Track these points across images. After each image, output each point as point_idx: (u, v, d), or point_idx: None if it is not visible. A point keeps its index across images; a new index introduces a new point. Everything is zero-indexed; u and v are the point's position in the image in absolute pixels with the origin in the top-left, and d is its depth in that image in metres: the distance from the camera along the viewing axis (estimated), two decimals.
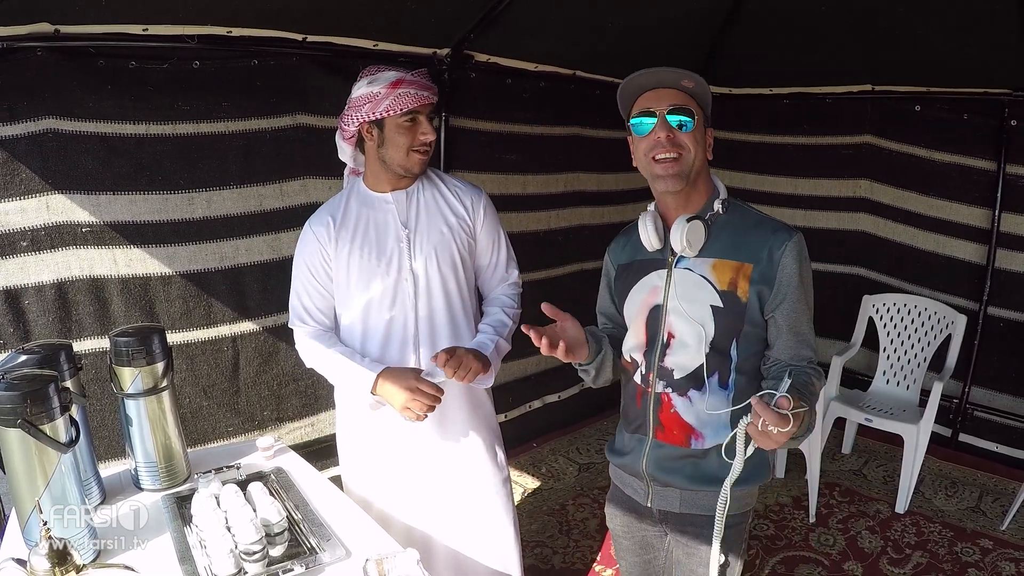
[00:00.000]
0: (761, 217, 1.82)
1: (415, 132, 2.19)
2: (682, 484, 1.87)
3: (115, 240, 2.72)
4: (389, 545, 1.83)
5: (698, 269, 1.79)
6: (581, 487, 4.14)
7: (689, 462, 1.84)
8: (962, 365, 4.17)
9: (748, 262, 1.74)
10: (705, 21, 3.96)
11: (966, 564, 3.35)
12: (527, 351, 4.25)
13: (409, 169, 2.24)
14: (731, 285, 1.75)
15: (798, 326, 1.76)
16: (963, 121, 4.11)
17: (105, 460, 2.64)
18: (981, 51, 3.50)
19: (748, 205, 1.87)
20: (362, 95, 2.17)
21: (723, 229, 1.80)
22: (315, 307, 2.34)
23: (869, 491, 4.03)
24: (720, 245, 1.78)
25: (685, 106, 1.73)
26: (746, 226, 1.80)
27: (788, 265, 1.72)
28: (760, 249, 1.74)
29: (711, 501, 1.79)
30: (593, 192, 4.66)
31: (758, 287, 1.73)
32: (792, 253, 1.72)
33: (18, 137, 2.48)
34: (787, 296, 1.73)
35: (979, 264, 4.20)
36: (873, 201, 4.59)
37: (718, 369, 1.79)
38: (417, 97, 2.15)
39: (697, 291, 1.78)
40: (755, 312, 1.75)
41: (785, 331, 1.76)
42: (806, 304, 1.76)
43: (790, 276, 1.72)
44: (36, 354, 1.87)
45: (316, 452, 3.23)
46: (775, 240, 1.73)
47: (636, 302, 1.90)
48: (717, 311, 1.76)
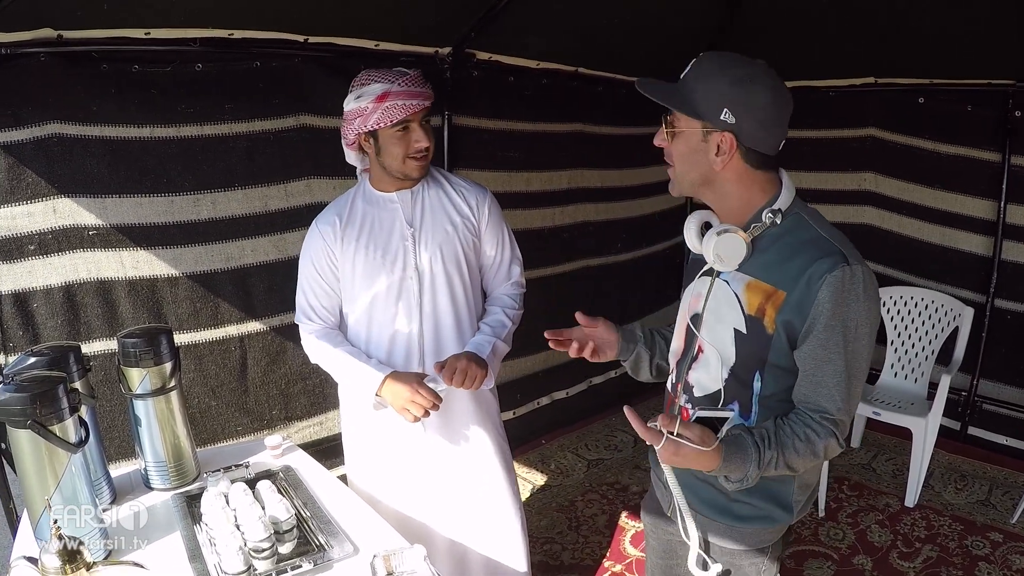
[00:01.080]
0: (817, 236, 1.56)
1: (408, 140, 2.19)
2: (697, 507, 1.75)
3: (122, 242, 2.73)
4: (397, 541, 1.84)
5: (734, 285, 1.60)
6: (590, 483, 4.14)
7: (703, 485, 1.73)
8: (970, 358, 4.16)
9: (781, 289, 1.52)
10: (706, 16, 3.95)
11: (976, 558, 3.35)
12: (534, 348, 4.28)
13: (408, 175, 2.25)
14: (759, 312, 1.55)
15: (819, 372, 1.52)
16: (967, 113, 4.10)
17: (116, 460, 2.65)
18: (984, 42, 3.49)
19: (812, 216, 1.63)
20: (352, 110, 2.19)
21: (772, 244, 1.58)
22: (321, 305, 2.36)
23: (878, 485, 4.02)
24: (760, 263, 1.57)
25: (671, 121, 1.60)
26: (796, 245, 1.55)
27: (824, 300, 1.47)
28: (799, 276, 1.50)
29: (722, 534, 1.74)
30: (597, 188, 4.65)
31: (787, 318, 1.52)
32: (832, 286, 1.46)
33: (24, 142, 2.49)
34: (812, 334, 1.50)
35: (985, 256, 4.19)
36: (878, 194, 4.58)
37: (738, 398, 1.63)
38: (405, 107, 2.14)
39: (726, 309, 1.61)
40: (783, 345, 1.54)
41: (803, 374, 1.55)
42: (839, 349, 1.49)
43: (823, 312, 1.47)
44: (45, 356, 1.88)
45: (324, 451, 3.23)
46: (817, 268, 1.48)
47: (684, 305, 1.78)
48: (739, 336, 1.59)
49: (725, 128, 1.52)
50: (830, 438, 1.52)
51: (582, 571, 3.36)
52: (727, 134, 1.53)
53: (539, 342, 1.76)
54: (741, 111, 1.52)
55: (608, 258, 4.78)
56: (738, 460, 1.47)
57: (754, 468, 1.48)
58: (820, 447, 1.52)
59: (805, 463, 1.54)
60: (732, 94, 1.51)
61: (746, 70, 1.54)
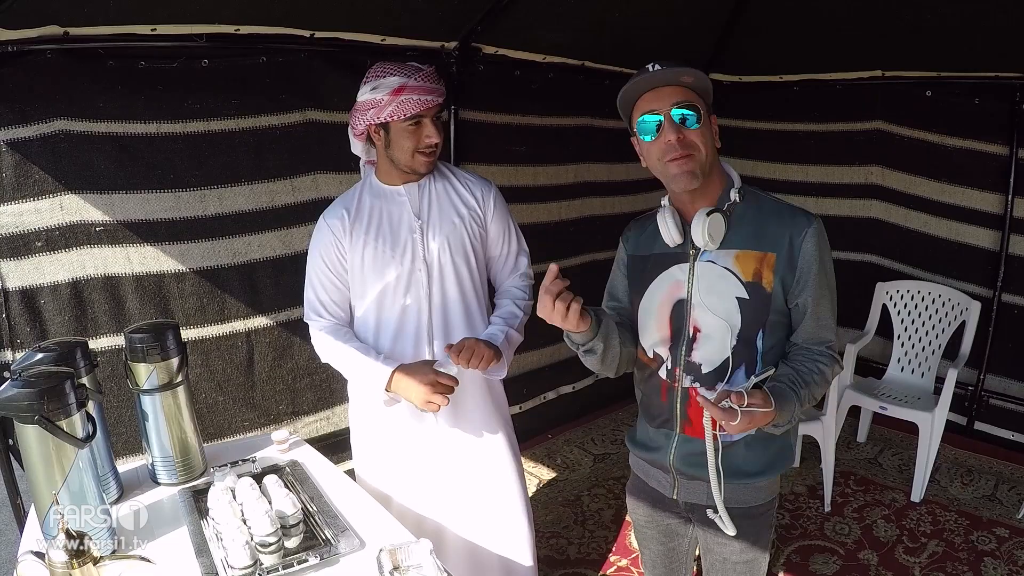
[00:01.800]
0: (777, 204, 1.82)
1: (419, 135, 2.20)
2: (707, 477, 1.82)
3: (129, 238, 2.74)
4: (403, 536, 1.84)
5: (721, 261, 1.77)
6: (596, 478, 4.15)
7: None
8: (977, 352, 4.14)
9: (771, 251, 1.74)
10: (713, 8, 3.94)
11: (982, 553, 3.34)
12: (541, 343, 4.29)
13: (415, 170, 2.26)
14: (756, 276, 1.75)
15: (818, 310, 1.77)
16: (975, 106, 4.08)
17: (123, 455, 2.67)
18: (992, 35, 3.47)
19: (762, 192, 1.86)
20: (366, 100, 2.19)
21: (742, 219, 1.78)
22: (331, 300, 2.37)
23: (884, 480, 4.02)
24: (741, 235, 1.77)
25: (688, 101, 1.71)
26: (764, 214, 1.78)
27: (809, 251, 1.73)
28: (781, 237, 1.74)
29: (738, 494, 1.83)
30: (603, 183, 4.65)
31: (782, 275, 1.74)
32: (812, 239, 1.73)
33: (31, 139, 2.50)
34: (808, 281, 1.74)
35: (993, 250, 4.17)
36: (885, 188, 4.56)
37: (745, 360, 1.78)
38: (420, 103, 2.15)
39: (722, 284, 1.77)
40: (780, 300, 1.76)
41: (807, 316, 1.77)
42: (827, 288, 1.77)
43: (811, 262, 1.73)
44: (53, 352, 1.89)
45: (331, 445, 3.24)
46: (795, 227, 1.74)
47: (657, 297, 1.87)
48: (743, 303, 1.75)
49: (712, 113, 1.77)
50: (835, 364, 1.80)
51: (588, 565, 3.37)
52: (714, 115, 1.78)
53: (546, 336, 1.77)
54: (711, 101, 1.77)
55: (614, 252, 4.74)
56: (788, 408, 1.68)
57: (797, 409, 1.72)
58: (830, 374, 1.79)
59: (823, 390, 1.81)
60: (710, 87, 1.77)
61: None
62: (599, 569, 3.35)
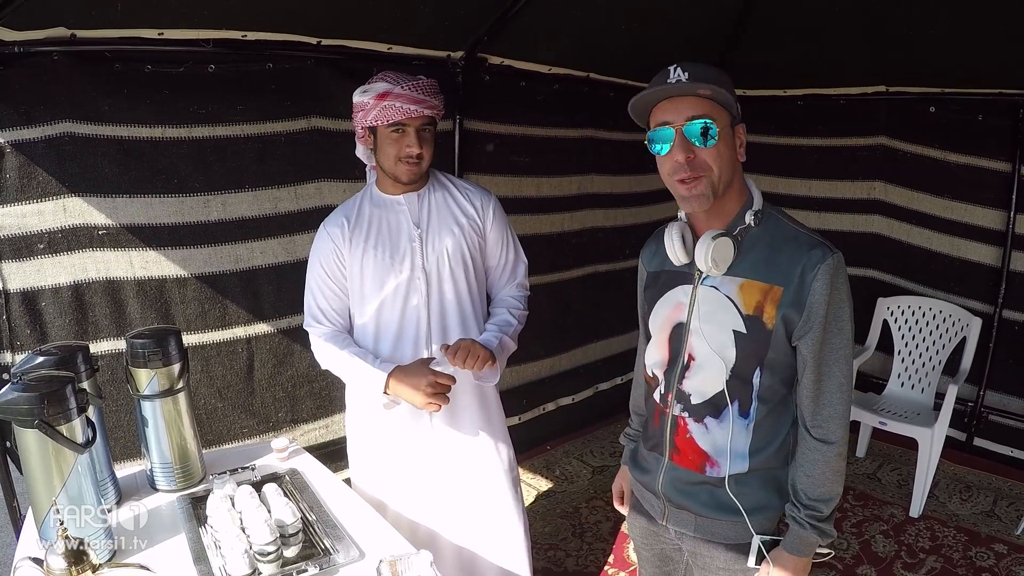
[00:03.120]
0: (796, 232, 1.65)
1: (401, 143, 2.22)
2: (697, 510, 1.79)
3: (131, 242, 2.74)
4: (403, 546, 1.84)
5: (724, 288, 1.66)
6: (595, 490, 4.13)
7: (704, 488, 1.76)
8: (977, 368, 4.14)
9: (778, 284, 1.59)
10: (717, 22, 3.95)
11: (980, 569, 3.34)
12: (541, 354, 4.29)
13: (397, 177, 2.27)
14: (757, 309, 1.61)
15: (821, 372, 1.63)
16: (978, 122, 4.09)
17: (121, 461, 2.66)
18: (996, 51, 3.48)
19: (784, 215, 1.71)
20: (357, 103, 2.25)
21: (755, 245, 1.65)
22: (330, 308, 2.37)
23: (883, 495, 4.01)
24: (750, 264, 1.63)
25: (704, 115, 1.56)
26: (779, 242, 1.63)
27: (819, 290, 1.56)
28: (792, 269, 1.58)
29: (726, 530, 1.77)
30: (607, 195, 4.65)
31: (785, 311, 1.59)
32: (826, 276, 1.56)
33: (35, 140, 2.50)
34: (815, 324, 1.59)
35: (994, 266, 4.17)
36: (887, 203, 4.57)
37: (738, 397, 1.68)
38: (403, 111, 2.17)
39: (721, 313, 1.66)
40: (781, 338, 1.62)
41: (806, 374, 1.64)
42: (839, 355, 1.63)
43: (820, 302, 1.57)
44: (53, 355, 1.89)
45: (330, 454, 3.23)
46: (809, 260, 1.56)
47: (660, 316, 1.80)
48: (739, 337, 1.63)
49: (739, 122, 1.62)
50: (840, 461, 1.66)
51: None
52: (741, 125, 1.62)
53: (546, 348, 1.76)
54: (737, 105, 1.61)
55: (617, 264, 4.77)
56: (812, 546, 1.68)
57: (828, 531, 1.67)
58: (841, 466, 1.67)
59: (840, 477, 1.68)
60: (731, 89, 1.59)
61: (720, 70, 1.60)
62: None
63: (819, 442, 1.65)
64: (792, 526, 1.68)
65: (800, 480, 1.68)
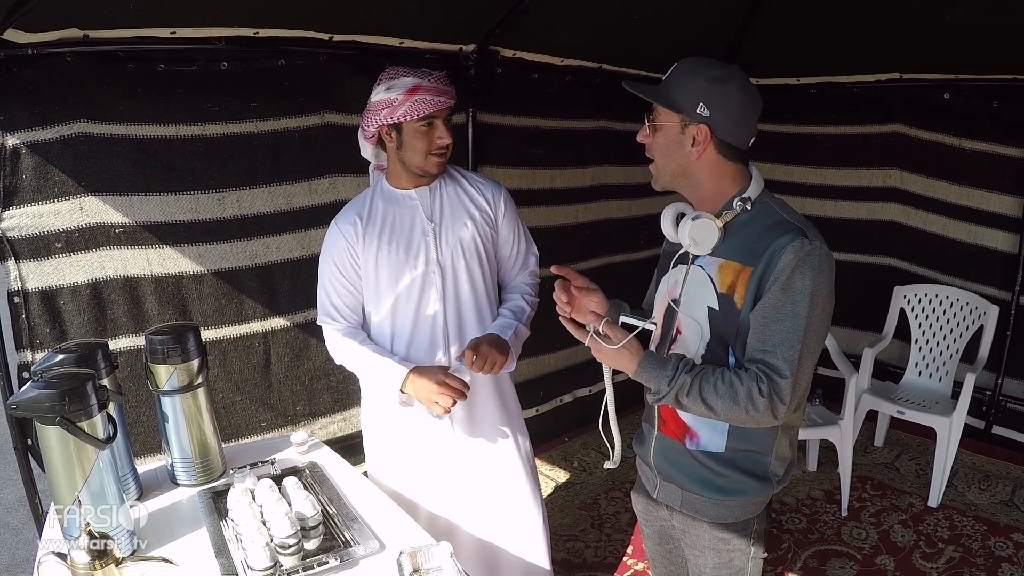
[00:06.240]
0: (781, 219, 1.68)
1: (432, 136, 2.22)
2: (682, 482, 1.88)
3: (148, 240, 2.75)
4: (422, 538, 1.84)
5: (708, 268, 1.74)
6: (613, 481, 4.14)
7: (688, 461, 1.85)
8: (995, 356, 4.11)
9: (749, 265, 1.64)
10: (730, 11, 3.93)
11: (999, 559, 3.32)
12: (557, 346, 4.29)
13: (427, 171, 2.28)
14: (730, 288, 1.68)
15: (765, 332, 1.62)
16: (993, 108, 4.05)
17: (141, 456, 2.67)
18: (1011, 37, 3.45)
19: (778, 203, 1.74)
20: (380, 100, 2.21)
21: (741, 230, 1.71)
22: (344, 304, 2.38)
23: (902, 484, 4.00)
24: (732, 246, 1.70)
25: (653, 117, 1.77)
26: (763, 228, 1.67)
27: (782, 266, 1.58)
28: (764, 251, 1.62)
29: (708, 508, 1.85)
30: (620, 185, 4.63)
31: (753, 290, 1.63)
32: (791, 254, 1.58)
33: (51, 141, 2.52)
34: (766, 295, 1.61)
35: (1011, 253, 4.14)
36: (903, 191, 4.54)
37: None
38: (433, 103, 2.18)
39: (701, 291, 1.74)
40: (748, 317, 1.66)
41: (752, 331, 1.65)
42: (790, 313, 1.59)
43: (778, 276, 1.59)
44: (73, 353, 1.91)
45: (348, 447, 3.23)
46: (780, 241, 1.60)
47: (661, 292, 1.91)
48: (713, 313, 1.72)
49: (701, 120, 1.68)
50: (753, 383, 1.60)
51: (605, 569, 3.36)
52: (702, 126, 1.68)
53: (562, 340, 1.78)
54: (715, 105, 1.66)
55: (631, 255, 4.76)
56: (654, 371, 1.67)
57: (665, 384, 1.65)
58: (742, 393, 1.61)
59: (726, 407, 1.62)
60: (707, 90, 1.66)
61: (721, 71, 1.69)
62: (615, 572, 3.34)
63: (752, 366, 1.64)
64: (672, 360, 1.68)
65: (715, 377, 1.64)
